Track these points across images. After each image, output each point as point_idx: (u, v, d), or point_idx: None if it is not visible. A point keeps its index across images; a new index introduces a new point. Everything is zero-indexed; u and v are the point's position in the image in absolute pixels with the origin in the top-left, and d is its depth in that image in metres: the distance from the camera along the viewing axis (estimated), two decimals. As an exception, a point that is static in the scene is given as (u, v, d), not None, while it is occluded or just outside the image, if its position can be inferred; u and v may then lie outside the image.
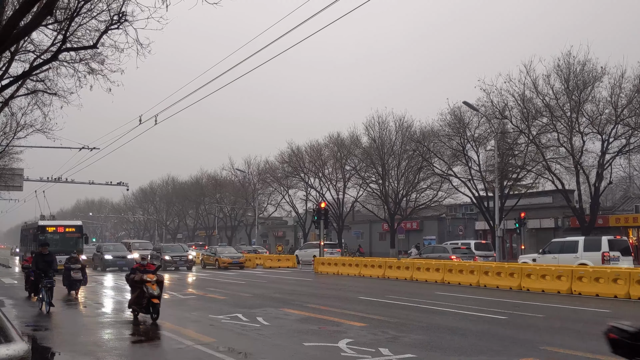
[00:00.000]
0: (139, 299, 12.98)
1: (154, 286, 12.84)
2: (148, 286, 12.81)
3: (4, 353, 2.80)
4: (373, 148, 51.53)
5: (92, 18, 14.15)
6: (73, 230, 34.50)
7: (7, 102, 19.31)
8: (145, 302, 12.80)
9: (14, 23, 8.70)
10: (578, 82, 34.46)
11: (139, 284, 13.02)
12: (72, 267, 19.27)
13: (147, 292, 12.74)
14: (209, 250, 42.93)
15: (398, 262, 28.77)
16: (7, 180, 34.68)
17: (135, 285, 13.20)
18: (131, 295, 13.63)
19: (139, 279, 13.03)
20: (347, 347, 9.50)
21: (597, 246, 24.35)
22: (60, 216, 79.66)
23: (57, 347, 10.45)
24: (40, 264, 15.44)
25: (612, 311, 14.74)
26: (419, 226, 56.81)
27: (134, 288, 13.39)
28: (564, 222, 43.43)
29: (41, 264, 15.44)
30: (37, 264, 15.54)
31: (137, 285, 13.09)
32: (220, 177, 78.01)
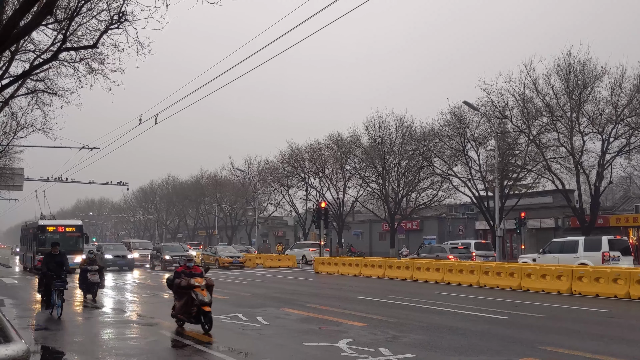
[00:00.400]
0: (187, 307, 11.47)
1: (204, 292, 11.40)
2: (197, 292, 11.33)
3: (4, 353, 2.79)
4: (373, 148, 51.52)
5: (92, 17, 14.17)
6: (73, 230, 34.47)
7: (8, 102, 19.33)
8: (195, 310, 11.30)
9: (14, 22, 8.70)
10: (578, 81, 34.44)
11: (185, 290, 11.56)
12: (89, 269, 17.99)
13: (196, 299, 11.23)
14: (209, 250, 42.93)
15: (398, 262, 28.78)
16: (7, 180, 34.69)
17: (182, 291, 11.71)
18: (176, 302, 12.10)
19: (186, 284, 11.55)
20: (347, 346, 9.50)
21: (597, 246, 24.36)
22: (60, 216, 79.66)
23: (55, 347, 10.45)
24: (50, 265, 14.45)
25: (612, 311, 14.74)
26: (419, 226, 56.80)
27: (179, 295, 11.87)
28: (564, 222, 43.42)
29: (52, 264, 14.45)
30: (48, 265, 14.48)
31: (184, 291, 11.62)
32: (221, 177, 78.06)
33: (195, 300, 11.22)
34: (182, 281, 11.66)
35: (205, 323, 11.19)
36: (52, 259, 14.58)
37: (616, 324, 12.80)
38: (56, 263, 14.53)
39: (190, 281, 11.47)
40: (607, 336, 10.90)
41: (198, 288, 11.35)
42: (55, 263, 14.51)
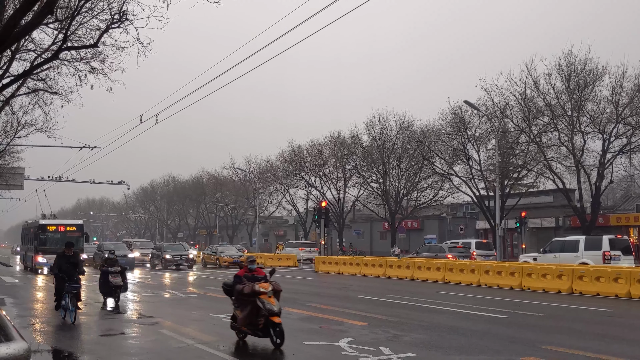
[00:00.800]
0: (252, 317, 9.62)
1: (272, 299, 9.59)
2: (264, 300, 9.51)
3: (4, 352, 2.79)
4: (374, 147, 51.54)
5: (93, 17, 14.17)
6: (74, 229, 34.48)
7: (8, 101, 19.33)
8: (262, 322, 9.50)
9: (14, 22, 8.69)
10: (579, 81, 34.42)
11: (249, 297, 9.67)
12: (111, 271, 16.27)
13: (263, 308, 9.43)
14: (210, 249, 42.96)
15: (399, 262, 28.79)
16: (8, 179, 34.72)
17: (245, 298, 9.77)
18: (237, 312, 10.17)
19: (250, 290, 9.62)
20: (348, 346, 9.50)
21: (598, 245, 24.34)
22: (61, 215, 79.68)
23: (55, 347, 10.45)
24: (63, 266, 13.43)
25: (613, 310, 14.73)
26: (419, 225, 56.80)
27: (241, 303, 9.95)
28: (564, 222, 43.40)
29: (64, 265, 13.44)
30: (60, 266, 13.47)
31: (248, 298, 9.70)
32: (221, 176, 78.07)
33: (262, 309, 9.43)
34: (245, 287, 9.72)
35: (276, 337, 9.46)
36: (64, 259, 13.58)
37: (617, 323, 12.79)
38: (69, 264, 13.50)
39: (255, 287, 9.60)
40: (608, 335, 10.89)
41: (264, 295, 9.58)
42: (68, 264, 13.49)
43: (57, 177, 48.14)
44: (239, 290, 9.89)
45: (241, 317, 9.88)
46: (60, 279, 13.40)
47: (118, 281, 16.11)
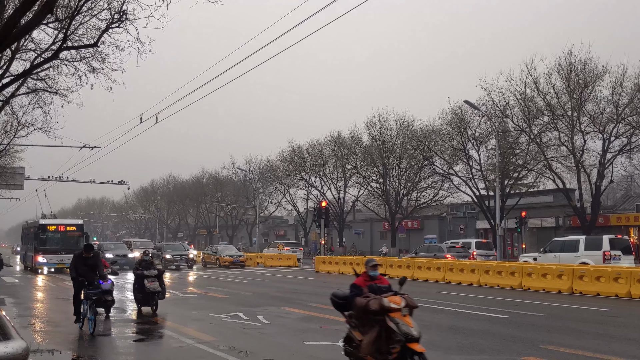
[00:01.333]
0: (382, 343, 7.02)
1: (408, 319, 7.08)
2: (398, 319, 7.01)
3: (3, 351, 2.79)
4: (374, 147, 51.53)
5: (93, 16, 14.17)
6: (74, 229, 34.51)
7: (8, 101, 19.33)
8: (396, 349, 6.87)
9: (14, 21, 8.70)
10: (579, 80, 34.39)
11: (376, 315, 7.15)
12: (147, 275, 14.34)
13: (398, 330, 6.90)
14: (210, 249, 42.96)
15: (399, 261, 28.78)
16: (8, 179, 34.74)
17: (368, 315, 7.26)
18: (355, 334, 7.57)
19: (377, 306, 7.09)
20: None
21: (598, 245, 24.33)
22: (61, 215, 79.70)
23: (55, 346, 10.45)
24: (81, 269, 12.20)
25: (613, 310, 14.73)
26: (419, 225, 56.81)
27: (365, 322, 7.36)
28: (564, 221, 43.40)
29: (82, 268, 12.21)
30: (77, 269, 12.23)
31: (374, 316, 7.16)
32: (221, 176, 78.13)
33: (396, 332, 6.90)
34: (371, 302, 7.17)
35: None
36: (82, 261, 12.37)
37: (617, 323, 12.78)
38: (88, 266, 12.27)
39: (384, 302, 7.09)
40: (608, 335, 10.89)
41: (397, 313, 7.07)
42: (86, 266, 12.25)
43: (57, 176, 48.15)
44: (361, 306, 7.35)
45: (366, 342, 7.18)
46: (79, 283, 12.09)
47: (155, 287, 14.20)
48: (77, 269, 12.23)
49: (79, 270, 12.21)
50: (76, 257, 12.53)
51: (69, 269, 12.73)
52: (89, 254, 12.43)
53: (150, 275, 14.36)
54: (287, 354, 9.26)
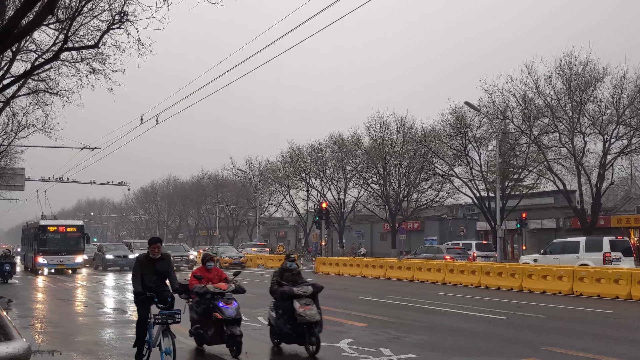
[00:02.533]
0: None
1: None
2: None
3: (4, 351, 2.79)
4: (374, 148, 51.52)
5: (94, 17, 14.18)
6: (74, 230, 34.52)
7: (9, 102, 19.35)
8: None
9: (15, 22, 8.70)
10: (580, 82, 34.39)
11: None
12: (298, 294, 9.23)
13: None
14: (210, 250, 42.97)
15: (399, 263, 28.80)
16: (9, 180, 34.75)
17: None
18: None
19: None
20: (349, 347, 9.49)
21: (598, 247, 24.31)
22: (61, 216, 79.68)
23: (56, 347, 10.44)
24: (148, 278, 8.38)
25: (614, 312, 14.72)
26: (420, 226, 56.80)
27: None
28: (565, 223, 43.37)
29: (149, 277, 8.39)
30: (143, 278, 8.36)
31: None
32: (222, 177, 78.14)
33: None
34: None
35: None
36: (149, 266, 8.44)
37: (618, 324, 12.78)
38: (157, 274, 8.44)
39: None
40: (608, 337, 10.88)
41: None
42: (155, 274, 8.43)
43: (58, 177, 48.18)
44: None
45: None
46: (146, 302, 8.22)
47: (313, 314, 9.02)
48: (144, 279, 8.36)
49: (147, 281, 8.35)
50: (140, 261, 8.51)
51: (132, 278, 8.48)
52: (157, 252, 8.43)
53: (303, 294, 9.24)
54: (287, 355, 9.25)
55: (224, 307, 8.94)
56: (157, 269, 8.43)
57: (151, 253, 8.45)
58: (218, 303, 8.99)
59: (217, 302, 9.01)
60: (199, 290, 9.23)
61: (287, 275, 9.77)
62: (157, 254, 8.44)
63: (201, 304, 9.28)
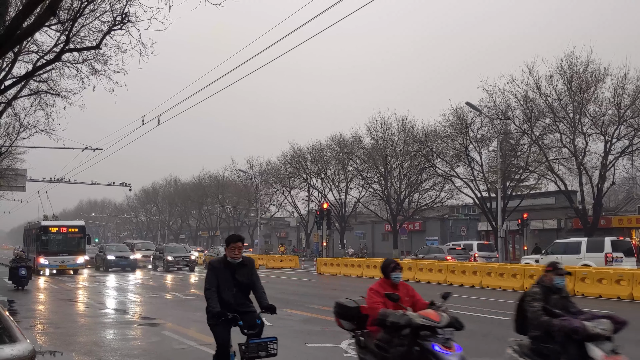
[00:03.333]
0: None
1: None
2: None
3: (9, 353, 2.81)
4: (375, 149, 51.54)
5: (95, 19, 14.23)
6: (76, 231, 34.57)
7: (10, 103, 19.39)
8: None
9: (17, 24, 8.72)
10: (581, 82, 34.38)
11: None
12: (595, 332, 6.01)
13: None
14: (212, 251, 43.01)
15: (400, 263, 28.76)
16: (10, 181, 34.82)
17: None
18: None
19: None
20: (350, 347, 9.49)
21: (600, 247, 24.30)
22: (63, 216, 79.80)
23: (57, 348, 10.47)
24: (225, 292, 6.18)
25: (615, 312, 14.69)
26: (421, 227, 56.79)
27: None
28: (566, 223, 43.35)
29: (228, 290, 6.20)
30: (220, 291, 6.16)
31: None
32: (223, 178, 78.18)
33: None
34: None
35: None
36: (228, 275, 6.23)
37: (619, 325, 12.75)
38: (238, 286, 6.27)
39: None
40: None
41: None
42: (236, 285, 6.25)
43: (59, 178, 48.15)
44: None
45: None
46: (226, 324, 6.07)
47: None
48: (221, 292, 6.11)
49: (224, 295, 6.11)
50: (216, 268, 6.21)
51: (206, 292, 6.09)
52: (237, 255, 6.19)
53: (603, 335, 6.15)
54: (289, 356, 9.26)
55: (444, 355, 5.40)
56: (237, 278, 6.15)
57: (230, 256, 6.16)
58: (432, 346, 5.45)
59: (429, 344, 5.47)
60: (395, 320, 5.71)
61: (555, 298, 6.37)
62: (237, 257, 6.17)
63: (394, 343, 5.79)
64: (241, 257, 6.25)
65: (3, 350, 2.81)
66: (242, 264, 6.27)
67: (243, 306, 6.24)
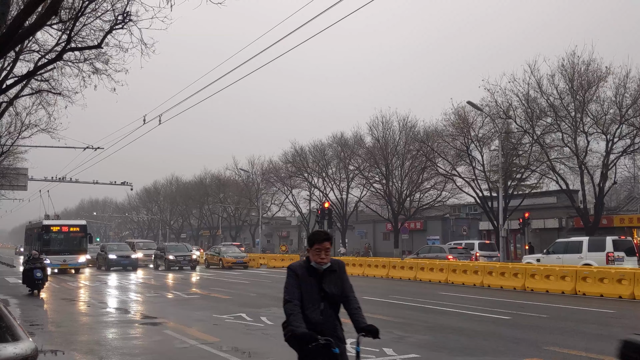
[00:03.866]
0: None
1: None
2: None
3: (12, 352, 2.81)
4: (377, 148, 51.51)
5: (97, 18, 14.23)
6: (77, 230, 34.60)
7: (12, 102, 19.40)
8: None
9: (18, 23, 8.73)
10: (582, 81, 34.33)
11: None
12: None
13: None
14: (213, 250, 43.02)
15: (402, 262, 28.80)
16: (12, 180, 34.87)
17: None
18: None
19: None
20: (351, 347, 9.47)
21: (601, 246, 24.29)
22: (64, 216, 79.83)
23: (58, 347, 10.48)
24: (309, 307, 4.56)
25: (617, 312, 14.70)
26: (422, 226, 56.77)
27: None
28: (568, 223, 43.32)
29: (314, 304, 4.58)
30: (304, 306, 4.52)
31: None
32: (224, 177, 78.15)
33: None
34: None
35: None
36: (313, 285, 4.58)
37: (621, 324, 12.76)
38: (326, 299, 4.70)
39: None
40: (611, 336, 10.86)
41: None
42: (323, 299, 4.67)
43: (61, 177, 48.24)
44: None
45: None
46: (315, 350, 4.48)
47: None
48: (305, 309, 4.55)
49: (309, 310, 4.57)
50: (298, 276, 4.56)
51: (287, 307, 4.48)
52: (323, 260, 4.61)
53: None
54: (289, 355, 9.24)
55: None
56: (326, 289, 4.60)
57: (314, 260, 4.57)
58: None
59: None
60: None
61: None
62: (324, 261, 4.57)
63: None
64: (329, 261, 4.64)
65: (6, 349, 2.81)
66: (330, 269, 4.66)
67: (332, 327, 4.68)
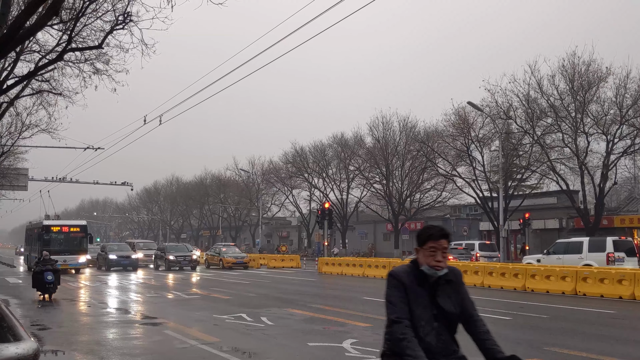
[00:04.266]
0: None
1: None
2: None
3: (14, 352, 2.81)
4: (377, 148, 51.54)
5: (97, 18, 14.24)
6: (77, 230, 34.58)
7: (13, 102, 19.42)
8: None
9: (19, 24, 8.73)
10: (583, 82, 34.34)
11: None
12: None
13: None
14: (213, 250, 43.01)
15: (402, 263, 28.78)
16: (12, 180, 34.89)
17: None
18: None
19: None
20: (352, 347, 9.49)
21: (601, 247, 24.27)
22: (64, 216, 79.92)
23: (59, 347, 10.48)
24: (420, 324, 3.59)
25: (617, 312, 14.70)
26: (423, 226, 56.74)
27: None
28: (568, 223, 43.30)
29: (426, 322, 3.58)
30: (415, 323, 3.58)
31: None
32: (224, 177, 78.21)
33: None
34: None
35: None
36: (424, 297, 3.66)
37: (621, 325, 12.76)
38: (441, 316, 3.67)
39: None
40: (612, 337, 10.87)
41: None
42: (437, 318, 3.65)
43: (61, 178, 48.28)
44: None
45: None
46: None
47: None
48: (415, 324, 3.60)
49: (423, 332, 3.59)
50: (404, 285, 3.81)
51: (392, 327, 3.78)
52: (439, 264, 3.60)
53: None
54: (290, 355, 9.27)
55: None
56: (441, 305, 3.67)
57: (426, 263, 3.68)
58: None
59: None
60: None
61: None
62: (441, 265, 3.62)
63: None
64: (446, 267, 3.62)
65: (8, 349, 2.81)
66: (446, 279, 3.66)
67: (449, 354, 3.74)
